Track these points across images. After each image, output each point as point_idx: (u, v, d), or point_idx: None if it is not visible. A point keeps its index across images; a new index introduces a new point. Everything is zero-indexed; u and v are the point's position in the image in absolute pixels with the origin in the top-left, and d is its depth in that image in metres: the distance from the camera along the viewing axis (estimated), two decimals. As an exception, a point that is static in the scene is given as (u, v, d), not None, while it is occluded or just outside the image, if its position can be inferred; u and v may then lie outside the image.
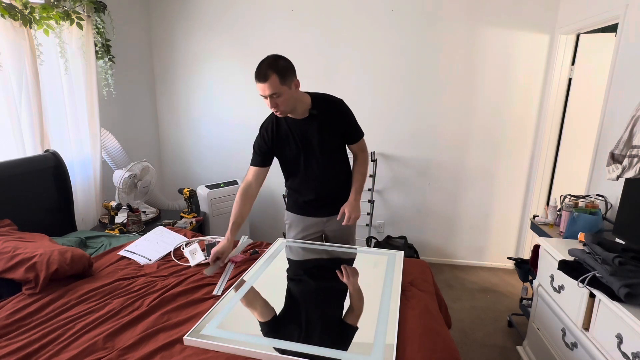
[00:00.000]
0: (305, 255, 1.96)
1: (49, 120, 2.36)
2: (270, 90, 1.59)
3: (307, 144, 1.82)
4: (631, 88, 2.06)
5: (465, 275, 3.28)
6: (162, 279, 1.70)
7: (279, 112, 1.70)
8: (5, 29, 2.00)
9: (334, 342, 1.25)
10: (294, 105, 1.72)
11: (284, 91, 1.61)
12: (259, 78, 1.59)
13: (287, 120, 1.81)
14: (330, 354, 1.19)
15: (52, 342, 1.25)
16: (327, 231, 2.05)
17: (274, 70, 1.57)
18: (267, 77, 1.57)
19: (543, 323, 1.97)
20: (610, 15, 2.29)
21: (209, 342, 1.23)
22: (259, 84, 1.60)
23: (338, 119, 1.83)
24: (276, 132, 1.83)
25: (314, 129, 1.79)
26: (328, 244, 2.03)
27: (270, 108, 1.69)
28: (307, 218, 2.01)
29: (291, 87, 1.65)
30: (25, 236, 1.84)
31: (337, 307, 1.49)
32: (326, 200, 1.95)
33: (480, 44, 3.06)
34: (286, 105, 1.67)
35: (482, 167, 3.28)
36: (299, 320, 1.41)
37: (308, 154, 1.84)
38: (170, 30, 3.38)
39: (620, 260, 1.43)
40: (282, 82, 1.60)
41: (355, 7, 3.13)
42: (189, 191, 2.96)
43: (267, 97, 1.63)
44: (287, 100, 1.66)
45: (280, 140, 1.84)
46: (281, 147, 1.85)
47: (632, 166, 1.72)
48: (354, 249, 1.99)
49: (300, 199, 1.99)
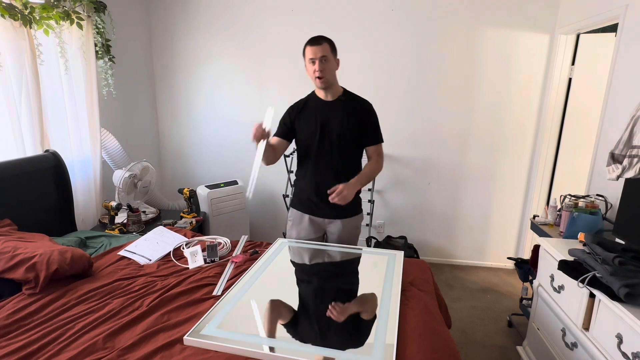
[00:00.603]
0: (306, 255, 1.96)
1: (49, 120, 2.36)
2: (321, 52, 1.77)
3: (326, 124, 1.88)
4: (631, 88, 2.06)
5: (465, 275, 3.28)
6: (162, 279, 1.70)
7: (322, 78, 1.81)
8: (5, 29, 2.00)
9: (334, 342, 1.25)
10: (333, 80, 1.87)
11: (331, 59, 1.81)
12: (314, 42, 1.79)
13: (315, 101, 1.93)
14: (330, 354, 1.19)
15: (52, 342, 1.25)
16: (329, 233, 2.06)
17: (326, 40, 1.81)
18: (320, 42, 1.78)
19: (543, 323, 1.97)
20: (610, 15, 2.29)
21: (209, 342, 1.23)
22: (313, 47, 1.78)
23: (362, 114, 1.92)
24: (302, 109, 1.94)
25: (337, 114, 1.86)
26: (329, 244, 2.02)
27: (315, 73, 1.80)
28: (310, 217, 2.02)
29: (336, 59, 1.86)
30: (25, 236, 1.84)
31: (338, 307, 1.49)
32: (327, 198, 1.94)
33: (480, 43, 3.06)
34: (329, 73, 1.82)
35: (482, 167, 3.28)
36: (299, 320, 1.41)
37: (324, 136, 1.89)
38: (170, 30, 3.38)
39: (620, 260, 1.43)
40: (332, 50, 1.82)
41: (355, 7, 3.13)
42: (189, 191, 2.96)
43: (317, 61, 1.78)
44: (331, 70, 1.83)
45: (304, 116, 1.93)
46: (302, 124, 1.92)
47: (632, 166, 1.72)
48: (356, 249, 1.99)
49: (304, 194, 2.01)
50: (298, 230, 2.06)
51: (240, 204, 3.23)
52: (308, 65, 1.83)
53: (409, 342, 1.25)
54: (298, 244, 2.01)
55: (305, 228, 2.03)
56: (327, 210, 1.97)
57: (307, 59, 1.81)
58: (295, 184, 2.09)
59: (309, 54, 1.79)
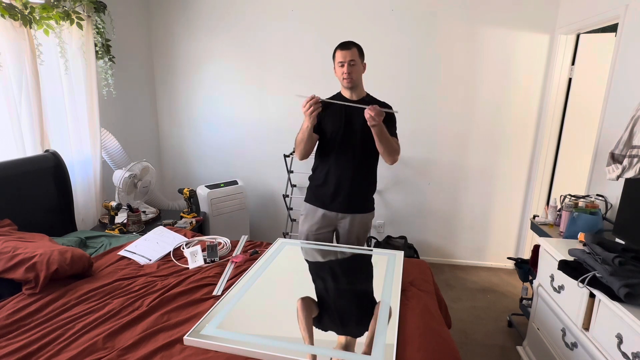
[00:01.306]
0: (304, 255, 1.96)
1: (49, 120, 2.36)
2: (350, 56, 1.89)
3: (349, 123, 1.96)
4: (631, 88, 2.06)
5: (465, 275, 3.28)
6: (162, 279, 1.70)
7: (349, 79, 1.92)
8: (5, 29, 2.00)
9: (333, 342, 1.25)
10: (359, 81, 1.98)
11: (358, 62, 1.93)
12: (344, 46, 1.91)
13: (342, 100, 1.99)
14: (330, 353, 1.19)
15: (52, 342, 1.25)
16: (340, 228, 2.10)
17: (356, 45, 1.93)
18: (350, 47, 1.91)
19: (543, 323, 1.97)
20: (610, 15, 2.29)
21: (209, 342, 1.23)
22: (343, 51, 1.90)
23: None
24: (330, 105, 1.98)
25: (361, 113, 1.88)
26: (330, 244, 2.03)
27: (343, 75, 1.92)
28: (323, 211, 2.07)
29: (363, 63, 1.97)
30: (25, 236, 1.84)
31: (338, 307, 1.49)
32: (346, 193, 2.00)
33: (480, 44, 3.05)
34: (356, 75, 1.94)
35: (482, 167, 3.28)
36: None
37: (347, 133, 1.97)
38: (170, 30, 3.38)
39: (620, 260, 1.43)
40: (360, 55, 1.94)
41: (355, 7, 3.13)
42: (189, 191, 2.96)
43: (345, 64, 1.89)
44: (358, 72, 1.95)
45: (330, 112, 1.99)
46: (328, 118, 1.99)
47: (632, 166, 1.72)
48: (358, 250, 1.99)
49: (320, 190, 2.06)
50: (310, 224, 2.10)
51: (240, 204, 3.23)
52: (337, 68, 1.94)
53: (409, 342, 1.25)
54: (302, 244, 2.02)
55: (317, 222, 2.08)
56: (341, 205, 2.03)
57: (337, 62, 1.93)
58: (311, 178, 2.13)
59: (338, 57, 1.91)
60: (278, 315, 1.45)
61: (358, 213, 2.07)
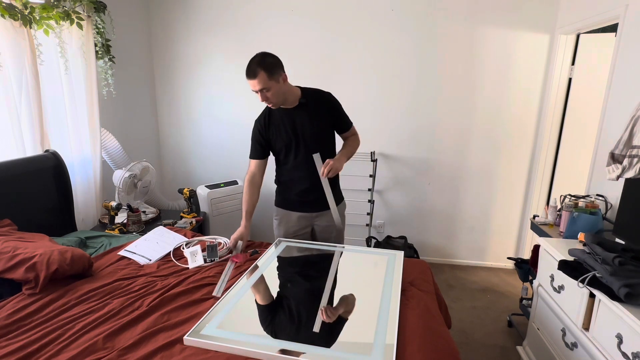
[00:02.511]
0: (304, 255, 1.96)
1: (49, 120, 2.36)
2: (259, 85, 1.72)
3: (297, 131, 1.90)
4: (631, 88, 2.06)
5: (465, 275, 3.28)
6: (162, 279, 1.70)
7: (270, 104, 1.83)
8: (5, 29, 2.00)
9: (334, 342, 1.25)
10: (285, 98, 1.84)
11: (272, 85, 1.75)
12: (249, 75, 1.73)
13: (279, 110, 1.91)
14: (330, 354, 1.19)
15: (52, 342, 1.25)
16: (316, 227, 2.08)
17: (261, 67, 1.71)
18: (256, 74, 1.71)
19: (543, 323, 1.97)
20: (610, 15, 2.29)
21: (209, 342, 1.23)
22: (249, 80, 1.74)
23: (327, 108, 1.94)
24: (269, 122, 1.94)
25: (304, 117, 1.89)
26: (328, 244, 2.03)
27: (261, 101, 1.82)
28: (296, 213, 2.04)
29: (279, 81, 1.77)
30: (25, 236, 1.84)
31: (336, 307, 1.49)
32: (316, 193, 1.96)
33: (480, 44, 3.05)
34: (276, 98, 1.80)
35: (482, 167, 3.28)
36: (299, 320, 1.41)
37: (298, 142, 1.91)
38: (170, 30, 3.38)
39: (620, 260, 1.43)
40: (270, 77, 1.73)
41: (355, 7, 3.13)
42: (189, 191, 2.96)
43: (258, 92, 1.76)
44: (277, 93, 1.79)
45: (273, 129, 1.93)
46: (274, 136, 1.93)
47: (632, 166, 1.72)
48: (353, 249, 1.99)
49: (289, 194, 2.03)
50: (286, 228, 2.08)
51: (240, 204, 3.22)
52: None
53: (409, 342, 1.25)
54: (296, 244, 2.02)
55: (293, 225, 2.06)
56: (314, 204, 2.01)
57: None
58: (277, 184, 2.10)
59: (249, 85, 1.76)
60: (278, 315, 1.45)
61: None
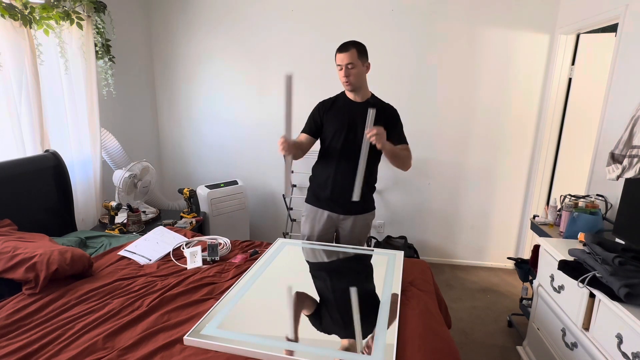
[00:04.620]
0: (304, 256, 1.96)
1: (49, 120, 2.36)
2: (347, 59, 1.81)
3: (352, 124, 1.93)
4: (631, 88, 2.06)
5: (465, 275, 3.28)
6: (162, 279, 1.70)
7: (348, 83, 1.88)
8: (5, 29, 2.00)
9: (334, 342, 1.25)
10: (361, 84, 1.92)
11: (358, 65, 1.84)
12: (342, 49, 1.83)
13: (344, 100, 1.98)
14: (330, 354, 1.19)
15: (52, 342, 1.25)
16: (341, 229, 2.10)
17: (355, 45, 1.83)
18: (348, 49, 1.81)
19: (543, 323, 1.97)
20: (610, 15, 2.29)
21: (209, 342, 1.23)
22: (340, 54, 1.83)
23: (386, 117, 1.96)
24: (331, 106, 2.00)
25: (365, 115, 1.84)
26: (330, 244, 2.03)
27: (342, 78, 1.87)
28: (327, 212, 2.06)
29: (364, 65, 1.88)
30: (25, 236, 1.84)
31: (339, 307, 1.49)
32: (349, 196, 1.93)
33: (480, 44, 3.05)
34: (356, 78, 1.87)
35: (482, 167, 3.28)
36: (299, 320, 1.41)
37: (349, 134, 1.94)
38: (170, 30, 3.37)
39: (620, 260, 1.43)
40: (359, 56, 1.84)
41: (355, 7, 3.13)
42: (189, 191, 2.96)
43: (343, 67, 1.83)
44: (358, 75, 1.87)
45: (333, 112, 1.98)
46: (331, 118, 1.97)
47: (632, 166, 1.72)
48: (360, 250, 2.00)
49: (322, 191, 2.04)
50: (312, 225, 2.10)
51: (240, 204, 3.23)
52: (338, 71, 1.89)
53: (409, 342, 1.25)
54: (303, 244, 2.02)
55: (320, 223, 2.08)
56: (343, 207, 2.03)
57: (336, 64, 1.87)
58: (312, 179, 2.12)
59: (337, 60, 1.86)
60: (278, 315, 1.45)
61: (360, 214, 2.07)
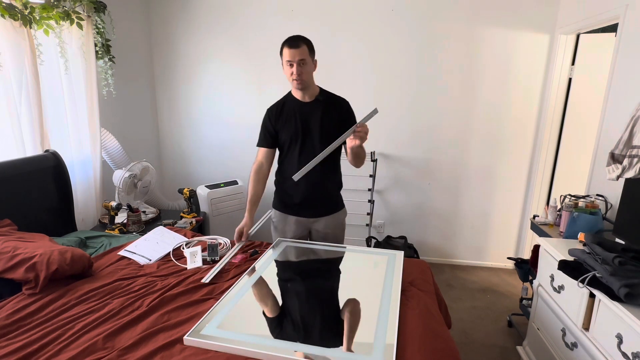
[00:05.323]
0: (304, 255, 1.96)
1: (49, 120, 2.36)
2: (299, 55, 1.75)
3: (306, 126, 1.89)
4: (631, 88, 2.06)
5: (465, 275, 3.28)
6: (162, 279, 1.70)
7: (299, 81, 1.80)
8: (5, 29, 2.00)
9: (334, 342, 1.25)
10: (310, 82, 1.87)
11: (309, 61, 1.80)
12: (293, 45, 1.75)
13: (294, 102, 1.91)
14: (330, 354, 1.19)
15: (52, 342, 1.25)
16: (314, 231, 2.06)
17: (305, 41, 1.78)
18: (299, 45, 1.75)
19: (543, 323, 1.97)
20: (610, 15, 2.29)
21: (209, 342, 1.23)
22: (291, 50, 1.74)
23: (340, 113, 1.92)
24: (281, 111, 1.93)
25: (317, 114, 1.87)
26: (327, 244, 2.03)
27: (292, 76, 1.79)
28: (295, 217, 2.02)
29: (313, 62, 1.85)
30: (25, 236, 1.84)
31: (336, 307, 1.49)
32: (316, 198, 1.96)
33: (480, 44, 3.05)
34: (307, 76, 1.82)
35: (482, 167, 3.28)
36: (299, 320, 1.41)
37: (305, 137, 1.89)
38: (170, 30, 3.38)
39: (620, 260, 1.43)
40: (310, 53, 1.80)
41: (355, 7, 3.13)
42: (189, 191, 2.96)
43: (294, 64, 1.76)
44: (309, 73, 1.83)
45: (283, 118, 1.92)
46: (283, 125, 1.92)
47: (632, 166, 1.72)
48: (353, 249, 1.99)
49: (288, 196, 2.00)
50: (283, 231, 2.06)
51: (240, 204, 3.23)
52: (285, 67, 1.80)
53: (409, 342, 1.25)
54: (295, 244, 2.02)
55: (290, 228, 2.05)
56: (312, 210, 2.00)
57: (285, 60, 1.78)
58: (277, 184, 2.06)
59: (286, 56, 1.76)
60: (278, 315, 1.45)
61: (330, 214, 2.03)
